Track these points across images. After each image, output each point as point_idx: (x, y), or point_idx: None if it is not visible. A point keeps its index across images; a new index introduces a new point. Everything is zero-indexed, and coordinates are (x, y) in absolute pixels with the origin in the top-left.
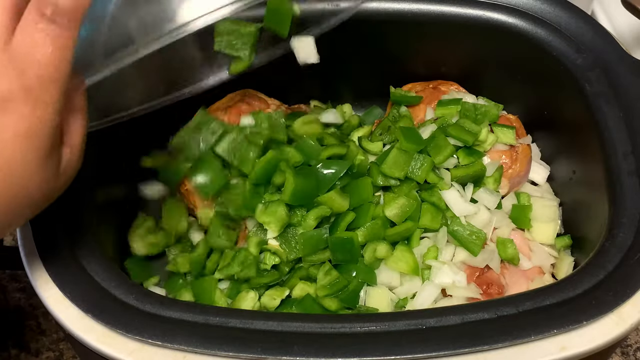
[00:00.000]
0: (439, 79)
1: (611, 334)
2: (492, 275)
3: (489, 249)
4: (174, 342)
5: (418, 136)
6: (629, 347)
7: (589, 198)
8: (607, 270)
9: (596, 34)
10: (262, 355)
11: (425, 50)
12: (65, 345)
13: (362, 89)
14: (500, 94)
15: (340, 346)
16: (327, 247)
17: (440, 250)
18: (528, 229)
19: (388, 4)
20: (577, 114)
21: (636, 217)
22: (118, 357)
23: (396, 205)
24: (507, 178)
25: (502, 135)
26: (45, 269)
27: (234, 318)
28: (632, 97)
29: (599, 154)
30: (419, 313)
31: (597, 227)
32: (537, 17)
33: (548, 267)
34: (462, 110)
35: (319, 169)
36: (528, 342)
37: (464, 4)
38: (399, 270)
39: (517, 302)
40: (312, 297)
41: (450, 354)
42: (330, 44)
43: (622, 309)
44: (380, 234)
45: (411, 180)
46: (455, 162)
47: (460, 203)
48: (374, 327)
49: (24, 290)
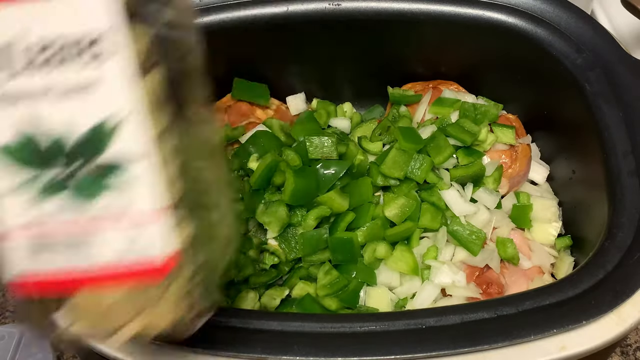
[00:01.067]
0: (439, 78)
1: (611, 334)
2: (492, 274)
3: (489, 248)
4: (174, 342)
5: (417, 136)
6: (629, 347)
7: (589, 198)
8: (607, 270)
9: (596, 33)
10: (262, 355)
11: (425, 50)
12: None
13: (363, 88)
14: (500, 94)
15: (340, 346)
16: (327, 247)
17: (440, 250)
18: (528, 228)
19: (388, 4)
20: (576, 114)
21: (636, 217)
22: (118, 357)
23: (396, 205)
24: (506, 178)
25: (502, 135)
26: None
27: (234, 318)
28: (632, 97)
29: (599, 154)
30: (419, 313)
31: (597, 227)
32: (537, 17)
33: (548, 267)
34: (462, 110)
35: (318, 169)
36: (528, 341)
37: (463, 4)
38: (398, 270)
39: (517, 302)
40: (312, 296)
41: (450, 354)
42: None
43: (622, 308)
44: (380, 234)
45: (411, 180)
46: (454, 162)
47: (460, 203)
48: (373, 326)
49: None
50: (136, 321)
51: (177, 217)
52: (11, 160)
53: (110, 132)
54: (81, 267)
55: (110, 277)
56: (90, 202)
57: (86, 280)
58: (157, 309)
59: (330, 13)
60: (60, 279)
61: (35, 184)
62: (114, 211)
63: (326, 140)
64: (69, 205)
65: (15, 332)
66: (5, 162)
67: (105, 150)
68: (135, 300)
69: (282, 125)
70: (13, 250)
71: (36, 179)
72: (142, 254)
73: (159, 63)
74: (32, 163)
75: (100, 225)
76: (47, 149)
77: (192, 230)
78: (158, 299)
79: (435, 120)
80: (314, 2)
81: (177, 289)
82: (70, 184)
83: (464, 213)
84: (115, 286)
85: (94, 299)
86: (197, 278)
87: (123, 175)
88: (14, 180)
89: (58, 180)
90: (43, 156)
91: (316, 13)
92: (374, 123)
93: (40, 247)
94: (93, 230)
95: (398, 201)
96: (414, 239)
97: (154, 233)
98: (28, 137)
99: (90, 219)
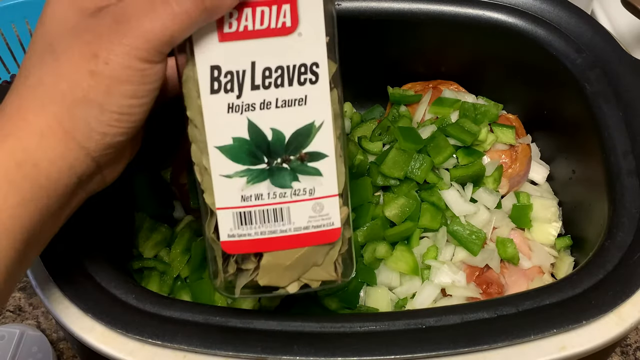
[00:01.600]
0: (439, 78)
1: (611, 334)
2: (492, 274)
3: (489, 248)
4: (174, 342)
5: (417, 136)
6: (629, 347)
7: (589, 198)
8: (607, 270)
9: (596, 33)
10: (262, 355)
11: (425, 50)
12: (66, 345)
13: (363, 88)
14: (500, 94)
15: (340, 346)
16: None
17: (440, 250)
18: (528, 228)
19: (388, 4)
20: (576, 114)
21: (636, 217)
22: (118, 356)
23: (396, 205)
24: (506, 178)
25: (502, 135)
26: (45, 268)
27: (234, 318)
28: (632, 97)
29: (599, 154)
30: (419, 313)
31: (597, 227)
32: (537, 16)
33: (548, 267)
34: (462, 110)
35: None
36: (528, 341)
37: (464, 4)
38: (398, 270)
39: (517, 302)
40: (312, 296)
41: (450, 354)
42: None
43: (622, 308)
44: (379, 234)
45: (411, 180)
46: (454, 162)
47: (460, 203)
48: (373, 326)
49: (24, 290)
50: (302, 279)
51: (342, 201)
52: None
53: (312, 134)
54: (276, 232)
55: (296, 241)
56: (288, 186)
57: (278, 242)
58: (318, 270)
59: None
60: (260, 242)
61: (249, 172)
62: (302, 193)
63: None
64: (271, 188)
65: (15, 332)
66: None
67: (305, 148)
68: (306, 262)
69: None
70: (225, 220)
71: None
72: (319, 225)
73: (336, 87)
74: (253, 155)
75: (292, 203)
76: (268, 142)
77: (348, 212)
78: (321, 261)
79: (435, 120)
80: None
81: (333, 255)
82: (274, 173)
83: (464, 213)
84: (295, 249)
85: (279, 259)
86: (343, 249)
87: (314, 167)
88: (234, 169)
89: (266, 169)
90: (264, 148)
91: None
92: (374, 123)
93: (246, 219)
94: (287, 206)
95: (398, 201)
96: (414, 239)
97: (330, 211)
98: (255, 131)
99: (286, 198)
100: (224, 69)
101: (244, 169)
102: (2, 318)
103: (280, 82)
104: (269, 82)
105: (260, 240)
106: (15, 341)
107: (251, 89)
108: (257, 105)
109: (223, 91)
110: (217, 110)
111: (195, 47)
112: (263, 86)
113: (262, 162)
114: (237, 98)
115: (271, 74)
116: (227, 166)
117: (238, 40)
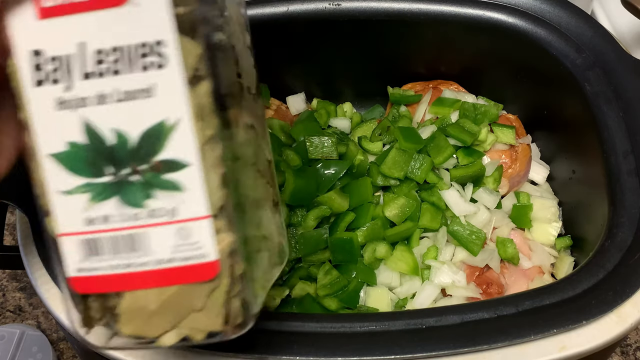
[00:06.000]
0: (439, 78)
1: (611, 334)
2: (492, 274)
3: (489, 248)
4: None
5: (417, 136)
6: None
7: (589, 198)
8: (607, 269)
9: (596, 33)
10: (262, 355)
11: (425, 50)
12: (66, 345)
13: (363, 88)
14: (500, 94)
15: (340, 346)
16: (327, 247)
17: (440, 250)
18: (528, 228)
19: (388, 4)
20: (576, 114)
21: (636, 217)
22: (118, 356)
23: (396, 205)
24: (506, 178)
25: (502, 135)
26: (45, 269)
27: None
28: (632, 97)
29: (599, 154)
30: (419, 313)
31: (597, 227)
32: (537, 16)
33: (548, 267)
34: (462, 110)
35: (318, 169)
36: (528, 341)
37: (463, 4)
38: (398, 270)
39: (517, 302)
40: (312, 296)
41: (450, 354)
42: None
43: (622, 308)
44: (380, 234)
45: (411, 180)
46: (454, 162)
47: (460, 203)
48: (373, 326)
49: (24, 290)
50: (178, 328)
51: (219, 226)
52: (79, 158)
53: (163, 136)
54: (133, 265)
55: (158, 277)
56: (141, 205)
57: (136, 280)
58: (199, 317)
59: (330, 13)
60: (115, 278)
61: (91, 187)
62: (161, 214)
63: (326, 140)
64: (121, 208)
65: (15, 332)
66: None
67: (157, 154)
68: (179, 306)
69: (282, 125)
70: (70, 250)
71: (94, 180)
72: (187, 257)
73: (206, 77)
74: (94, 164)
75: (150, 227)
76: (110, 147)
77: (234, 240)
78: (200, 306)
79: (435, 120)
80: (314, 2)
81: (217, 297)
82: (123, 187)
83: (464, 213)
84: (161, 288)
85: (140, 303)
86: (235, 290)
87: (172, 179)
88: (73, 183)
89: (113, 182)
90: (106, 154)
91: (316, 13)
92: (374, 123)
93: (94, 248)
94: (143, 232)
95: (398, 201)
96: (414, 239)
97: (200, 239)
98: (94, 134)
99: (140, 221)
100: (48, 53)
101: (85, 183)
102: (2, 318)
103: (118, 68)
104: (104, 68)
105: (115, 277)
106: (15, 341)
107: (83, 78)
108: (92, 99)
109: (50, 82)
110: (45, 107)
111: (12, 27)
112: (97, 74)
113: (106, 173)
114: (66, 90)
115: (107, 57)
116: (65, 180)
117: (62, 15)
